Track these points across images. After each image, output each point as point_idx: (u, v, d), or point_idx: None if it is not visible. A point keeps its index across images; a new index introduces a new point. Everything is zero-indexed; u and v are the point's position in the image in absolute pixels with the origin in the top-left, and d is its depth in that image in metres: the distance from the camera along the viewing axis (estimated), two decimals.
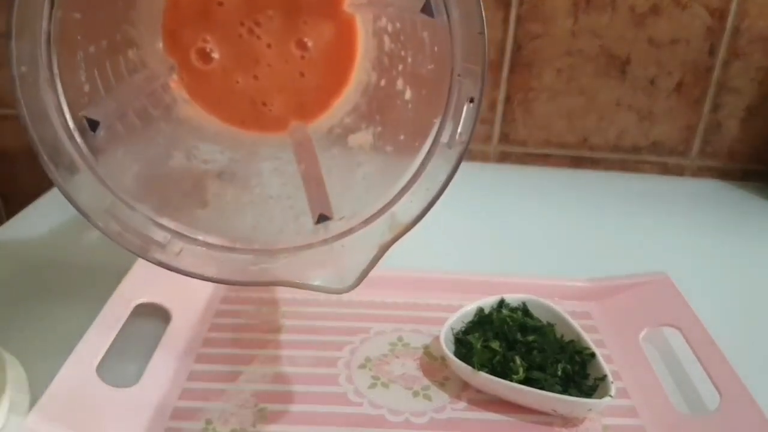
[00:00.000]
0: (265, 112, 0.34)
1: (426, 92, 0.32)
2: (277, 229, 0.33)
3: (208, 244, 0.31)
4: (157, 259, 0.29)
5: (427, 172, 0.30)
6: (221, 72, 0.33)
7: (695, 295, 0.43)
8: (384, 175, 0.33)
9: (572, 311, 0.43)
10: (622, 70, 0.68)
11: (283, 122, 0.35)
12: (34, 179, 0.78)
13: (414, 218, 0.30)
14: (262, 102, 0.34)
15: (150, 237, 0.29)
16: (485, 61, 0.27)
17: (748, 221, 0.63)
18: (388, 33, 0.34)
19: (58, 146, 0.27)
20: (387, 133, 0.34)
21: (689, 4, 0.65)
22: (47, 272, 0.48)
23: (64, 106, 0.27)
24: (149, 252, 0.29)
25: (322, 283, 0.30)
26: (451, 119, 0.29)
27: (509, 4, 0.66)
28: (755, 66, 0.68)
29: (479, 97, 0.28)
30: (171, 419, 0.35)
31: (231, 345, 0.40)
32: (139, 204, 0.29)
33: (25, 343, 0.40)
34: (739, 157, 0.73)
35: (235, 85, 0.33)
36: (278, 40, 0.33)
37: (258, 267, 0.31)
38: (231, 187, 0.35)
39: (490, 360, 0.37)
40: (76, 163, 0.27)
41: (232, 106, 0.34)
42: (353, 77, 0.35)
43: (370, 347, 0.41)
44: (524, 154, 0.74)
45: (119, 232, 0.28)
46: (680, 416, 0.36)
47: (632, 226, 0.61)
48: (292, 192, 0.33)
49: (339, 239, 0.31)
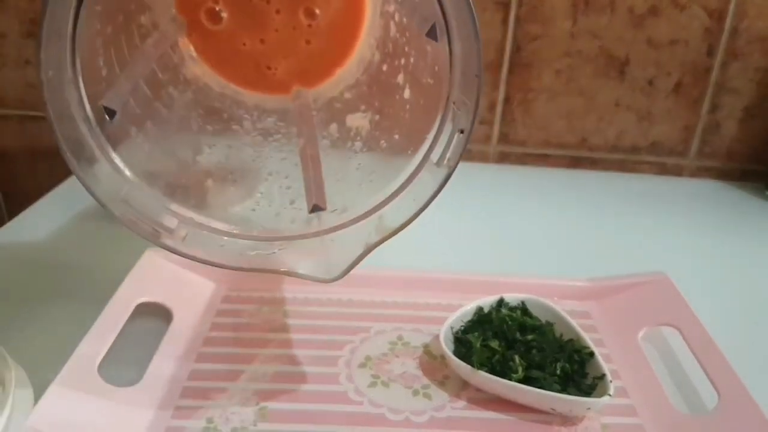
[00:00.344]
0: (269, 75, 0.35)
1: (424, 102, 0.33)
2: (274, 212, 0.34)
3: (211, 229, 0.33)
4: (166, 245, 0.31)
5: (415, 183, 0.32)
6: (229, 33, 0.34)
7: (694, 294, 0.43)
8: (376, 173, 0.35)
9: (571, 311, 0.43)
10: (621, 70, 0.69)
11: (286, 85, 0.35)
12: (34, 179, 0.79)
13: (400, 225, 0.32)
14: (267, 65, 0.35)
15: (161, 223, 0.31)
16: (478, 100, 0.29)
17: (747, 221, 0.63)
18: (395, 21, 0.35)
19: (80, 139, 0.29)
20: (383, 125, 0.35)
21: (688, 5, 0.65)
22: (48, 272, 0.48)
23: (84, 100, 0.28)
24: (160, 238, 0.31)
25: (310, 272, 0.32)
26: (441, 143, 0.31)
27: (508, 5, 0.66)
28: (753, 66, 0.68)
29: (469, 129, 0.29)
30: (172, 418, 0.35)
31: (232, 344, 0.41)
32: (151, 188, 0.31)
33: (25, 343, 0.40)
34: (737, 158, 0.73)
35: (241, 47, 0.34)
36: (287, 6, 0.34)
37: (255, 253, 0.33)
38: (234, 159, 0.36)
39: (490, 359, 0.37)
40: (95, 153, 0.29)
41: (237, 67, 0.35)
42: (357, 49, 0.35)
43: (371, 346, 0.41)
44: (523, 155, 0.74)
45: (134, 220, 0.30)
46: (679, 415, 0.36)
47: (631, 226, 0.61)
48: (290, 170, 0.34)
49: (329, 233, 0.33)
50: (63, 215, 0.56)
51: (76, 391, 0.33)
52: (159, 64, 0.33)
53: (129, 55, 0.31)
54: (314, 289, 0.46)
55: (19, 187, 0.80)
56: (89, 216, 0.56)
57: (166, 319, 0.41)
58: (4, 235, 0.53)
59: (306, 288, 0.46)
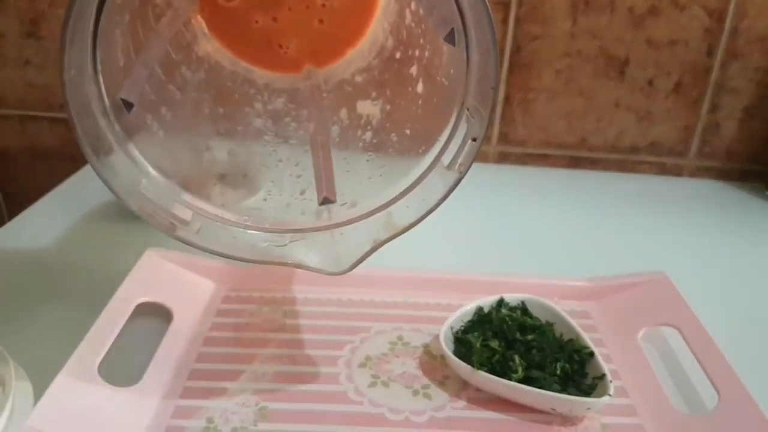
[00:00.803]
0: (281, 54, 0.35)
1: (437, 101, 0.34)
2: (285, 202, 0.35)
3: (224, 220, 0.33)
4: (181, 237, 0.32)
5: (425, 183, 0.33)
6: (242, 10, 0.34)
7: (694, 294, 0.43)
8: (386, 167, 0.35)
9: (571, 310, 0.43)
10: (620, 70, 0.69)
11: (297, 65, 0.35)
12: (34, 179, 0.79)
13: (409, 224, 0.33)
14: (279, 44, 0.35)
15: (176, 215, 0.32)
16: (491, 111, 0.30)
17: (747, 221, 0.63)
18: (411, 10, 0.35)
19: (98, 134, 0.29)
20: (395, 117, 0.35)
21: (688, 5, 0.65)
22: (48, 272, 0.48)
23: (104, 94, 0.29)
24: (175, 230, 0.32)
25: (319, 265, 0.33)
26: (453, 147, 0.32)
27: (508, 6, 0.66)
28: (753, 66, 0.68)
29: (482, 137, 0.30)
30: (172, 418, 0.35)
31: (232, 344, 0.41)
32: (167, 179, 0.31)
33: (26, 343, 0.40)
34: (737, 158, 0.73)
35: (254, 24, 0.34)
36: None
37: (267, 244, 0.34)
38: (244, 149, 0.37)
39: (490, 359, 0.37)
40: (113, 146, 0.30)
41: (249, 44, 0.35)
42: (370, 31, 0.35)
43: (371, 346, 0.41)
44: (523, 155, 0.74)
45: (150, 213, 0.31)
46: (679, 415, 0.36)
47: (631, 226, 0.61)
48: (301, 156, 0.35)
49: (339, 227, 0.34)
50: (63, 215, 0.57)
51: (76, 391, 0.33)
52: (173, 43, 0.33)
53: (144, 38, 0.31)
54: (314, 289, 0.46)
55: (19, 187, 0.80)
56: (89, 216, 0.56)
57: (166, 319, 0.41)
58: (4, 235, 0.53)
59: (306, 288, 0.46)
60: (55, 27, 0.70)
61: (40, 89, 0.74)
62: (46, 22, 0.70)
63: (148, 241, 0.46)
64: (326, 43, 0.35)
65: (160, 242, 0.46)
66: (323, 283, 0.46)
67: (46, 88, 0.73)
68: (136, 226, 0.54)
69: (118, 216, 0.56)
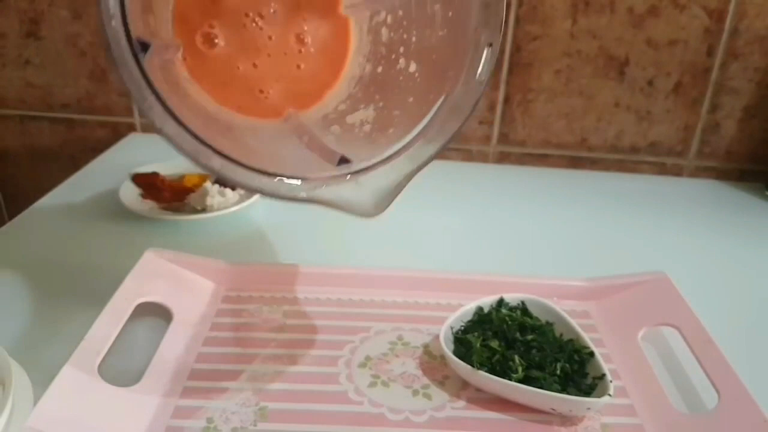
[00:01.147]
0: (262, 99, 0.36)
1: (437, 56, 0.34)
2: (304, 158, 0.34)
3: (247, 167, 0.31)
4: (209, 166, 0.29)
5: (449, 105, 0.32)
6: (223, 57, 0.35)
7: (693, 294, 0.43)
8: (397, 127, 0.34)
9: (571, 310, 0.43)
10: (620, 71, 0.69)
11: (278, 110, 0.36)
12: (34, 179, 0.79)
13: (436, 150, 0.32)
14: (260, 89, 0.36)
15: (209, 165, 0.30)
16: (503, 10, 0.30)
17: (746, 221, 0.64)
18: (387, 25, 0.35)
19: (140, 87, 0.28)
20: (391, 103, 0.36)
21: (687, 5, 0.65)
22: (48, 272, 0.48)
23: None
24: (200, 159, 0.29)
25: (351, 207, 0.31)
26: (469, 65, 0.31)
27: (508, 6, 0.66)
28: (753, 67, 0.68)
29: (498, 41, 0.31)
30: (172, 418, 0.35)
31: (232, 344, 0.41)
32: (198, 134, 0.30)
33: (26, 343, 0.40)
34: (736, 158, 0.73)
35: (235, 70, 0.35)
36: (279, 33, 0.35)
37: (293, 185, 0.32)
38: None
39: (490, 359, 0.37)
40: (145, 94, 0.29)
41: (230, 91, 0.36)
42: (345, 73, 0.37)
43: (371, 346, 0.41)
44: (523, 155, 0.74)
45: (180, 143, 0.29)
46: (679, 415, 0.36)
47: (631, 226, 0.61)
48: None
49: (362, 174, 0.32)
50: (63, 215, 0.57)
51: (76, 391, 0.33)
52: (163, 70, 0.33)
53: None
54: (314, 289, 0.46)
55: (19, 187, 0.80)
56: (89, 216, 0.56)
57: (166, 319, 0.41)
58: (4, 235, 0.53)
59: (306, 288, 0.46)
60: (56, 27, 0.70)
61: (40, 89, 0.74)
62: (46, 22, 0.70)
63: (148, 241, 0.46)
64: (306, 86, 0.36)
65: (160, 242, 0.46)
66: (323, 283, 0.46)
67: (46, 88, 0.74)
68: (136, 226, 0.54)
69: (118, 216, 0.56)
